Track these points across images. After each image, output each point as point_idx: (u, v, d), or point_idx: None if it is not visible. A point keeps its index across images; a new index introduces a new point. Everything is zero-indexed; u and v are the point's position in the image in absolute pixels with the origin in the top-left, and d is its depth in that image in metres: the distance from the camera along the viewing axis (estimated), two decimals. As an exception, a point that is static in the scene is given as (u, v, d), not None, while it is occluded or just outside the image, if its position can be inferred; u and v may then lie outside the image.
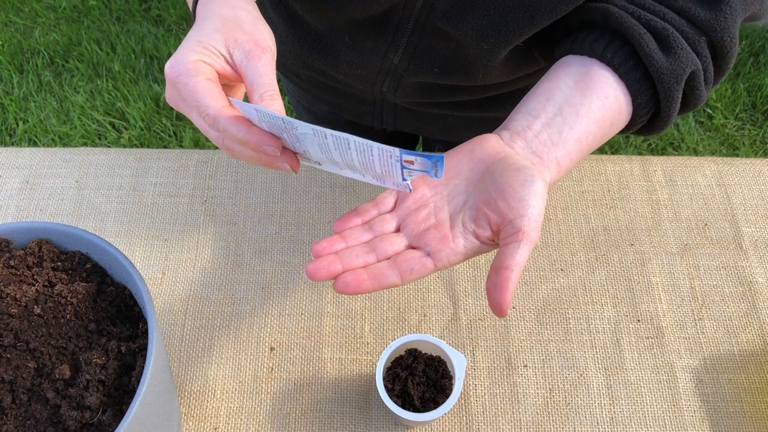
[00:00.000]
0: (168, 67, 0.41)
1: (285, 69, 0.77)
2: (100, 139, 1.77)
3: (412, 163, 0.39)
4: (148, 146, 1.75)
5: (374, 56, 0.62)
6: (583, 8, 0.51)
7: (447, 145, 0.84)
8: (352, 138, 0.38)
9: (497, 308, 0.41)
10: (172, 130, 1.78)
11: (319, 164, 0.44)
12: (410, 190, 0.43)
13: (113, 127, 1.78)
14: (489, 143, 0.46)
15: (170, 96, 0.43)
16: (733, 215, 0.71)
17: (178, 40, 1.96)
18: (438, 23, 0.55)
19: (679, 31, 0.48)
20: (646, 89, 0.49)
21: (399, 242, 0.44)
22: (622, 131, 0.52)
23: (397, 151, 0.37)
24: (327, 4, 0.56)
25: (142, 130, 1.77)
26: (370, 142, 0.37)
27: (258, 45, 0.43)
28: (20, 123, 1.78)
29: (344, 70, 0.66)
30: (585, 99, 0.47)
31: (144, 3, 2.06)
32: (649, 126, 0.53)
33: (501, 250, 0.42)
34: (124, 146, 1.75)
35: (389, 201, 0.47)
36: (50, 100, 1.83)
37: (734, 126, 1.86)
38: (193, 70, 0.41)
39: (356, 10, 0.56)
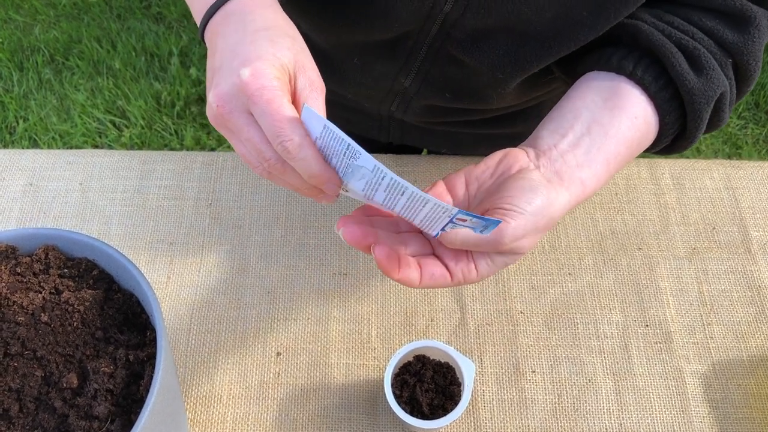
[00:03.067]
0: (249, 74, 0.38)
1: None
2: (100, 137, 1.76)
3: (463, 221, 0.38)
4: (149, 144, 1.75)
5: (384, 79, 0.61)
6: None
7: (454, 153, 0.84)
8: (410, 188, 0.36)
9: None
10: (173, 128, 1.77)
11: (346, 191, 0.42)
12: (436, 236, 0.42)
13: (114, 125, 1.78)
14: (513, 158, 0.45)
15: (229, 103, 0.39)
16: (742, 219, 0.71)
17: (179, 38, 1.95)
18: (452, 51, 0.54)
19: (708, 50, 0.47)
20: (675, 109, 0.48)
21: (425, 246, 0.44)
22: (645, 150, 0.51)
23: (454, 210, 0.36)
24: (338, 27, 0.54)
25: (143, 128, 1.76)
26: (426, 196, 0.36)
27: (319, 77, 0.41)
28: (20, 121, 1.77)
29: (353, 89, 0.65)
30: (614, 119, 0.46)
31: (144, 0, 2.05)
32: (671, 146, 0.52)
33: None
34: (125, 144, 1.75)
35: None
36: (50, 98, 1.82)
37: (737, 125, 1.86)
38: (279, 88, 0.38)
39: (368, 34, 0.54)
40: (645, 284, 0.67)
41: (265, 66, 0.38)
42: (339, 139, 0.36)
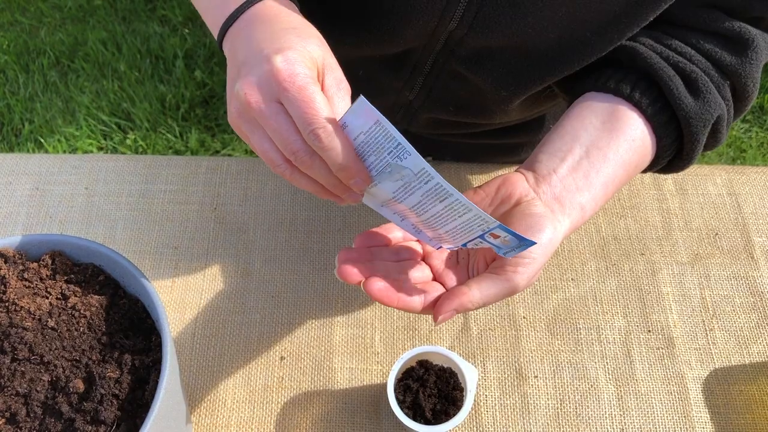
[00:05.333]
0: (281, 61, 0.36)
1: None
2: (105, 139, 1.77)
3: (496, 237, 0.37)
4: (153, 147, 1.75)
5: (389, 91, 0.61)
6: None
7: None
8: (454, 195, 0.35)
9: (435, 315, 0.41)
10: (177, 131, 1.78)
11: (368, 193, 0.41)
12: (438, 248, 0.42)
13: (119, 127, 1.78)
14: (513, 185, 0.45)
15: (258, 92, 0.37)
16: (744, 225, 0.71)
17: (184, 41, 1.96)
18: (457, 67, 0.54)
19: (706, 73, 0.47)
20: (672, 132, 0.48)
21: (426, 272, 0.45)
22: (642, 171, 0.51)
23: (494, 223, 0.36)
24: (344, 42, 0.54)
25: (147, 130, 1.77)
26: (470, 204, 0.35)
27: (345, 79, 0.41)
28: (26, 123, 1.78)
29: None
30: (612, 141, 0.46)
31: (149, 3, 2.06)
32: (668, 166, 0.52)
33: (482, 275, 0.42)
34: (130, 146, 1.75)
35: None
36: (56, 101, 1.83)
37: (741, 129, 1.85)
38: (311, 77, 0.37)
39: (374, 49, 0.54)
40: (647, 290, 0.67)
41: (297, 55, 0.37)
42: (390, 136, 0.34)
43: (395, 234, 0.46)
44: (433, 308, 0.42)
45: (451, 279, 0.45)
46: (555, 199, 0.45)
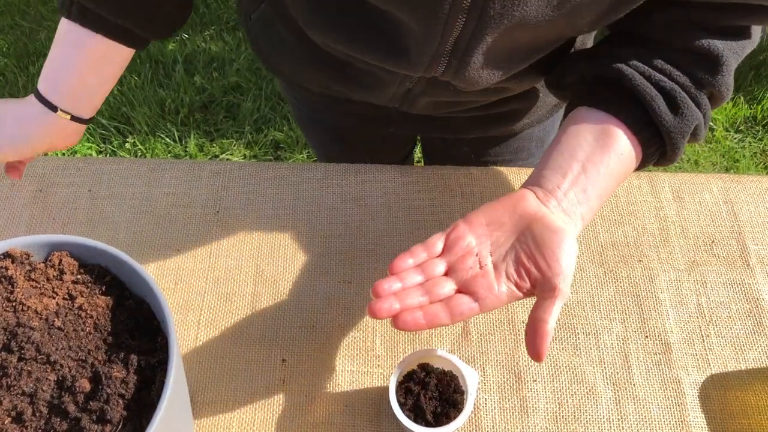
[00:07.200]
0: None
1: (294, 85, 0.78)
2: (104, 143, 1.77)
3: None
4: (152, 151, 1.76)
5: (388, 83, 0.64)
6: (599, 65, 0.56)
7: (446, 142, 0.87)
8: None
9: (536, 355, 0.47)
10: (176, 135, 1.78)
11: None
12: None
13: (118, 131, 1.79)
14: (528, 201, 0.52)
15: None
16: (740, 232, 0.72)
17: (184, 46, 1.97)
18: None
19: (684, 88, 0.53)
20: (655, 142, 0.54)
21: (449, 286, 0.50)
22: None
23: None
24: (346, 53, 0.59)
25: (146, 135, 1.78)
26: None
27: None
28: (25, 126, 1.78)
29: (359, 93, 0.68)
30: (604, 156, 0.53)
31: (150, 8, 2.06)
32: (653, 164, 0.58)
33: (539, 303, 0.49)
34: (129, 151, 1.76)
35: (438, 245, 0.52)
36: (55, 104, 1.84)
37: (735, 138, 1.87)
38: None
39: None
40: (645, 296, 0.68)
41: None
42: None
43: (420, 256, 0.51)
44: (461, 319, 0.48)
45: (479, 286, 0.49)
46: (564, 212, 0.51)
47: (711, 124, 1.88)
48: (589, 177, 0.52)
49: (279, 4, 0.63)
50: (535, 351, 0.48)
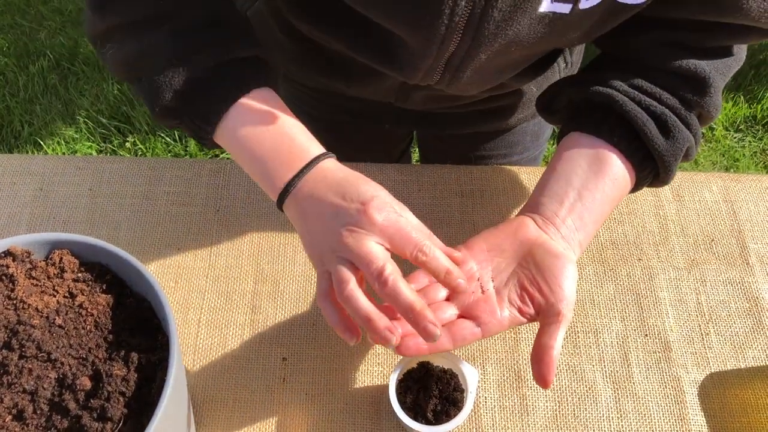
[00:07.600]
0: (375, 206, 0.47)
1: (288, 80, 0.79)
2: (104, 142, 1.77)
3: None
4: (153, 150, 1.76)
5: (385, 77, 0.64)
6: (588, 91, 0.56)
7: (440, 139, 0.87)
8: None
9: (542, 382, 0.48)
10: (177, 134, 1.78)
11: None
12: None
13: (119, 130, 1.79)
14: (528, 228, 0.53)
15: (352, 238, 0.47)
16: (740, 231, 0.72)
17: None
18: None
19: (674, 111, 0.53)
20: (648, 165, 0.55)
21: (451, 311, 0.51)
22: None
23: None
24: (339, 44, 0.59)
25: (147, 134, 1.78)
26: None
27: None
28: (25, 125, 1.79)
29: (357, 88, 0.68)
30: (599, 182, 0.54)
31: (150, 7, 2.06)
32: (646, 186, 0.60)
33: (543, 329, 0.49)
34: (129, 150, 1.76)
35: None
36: (55, 103, 1.84)
37: (735, 138, 1.87)
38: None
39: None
40: (644, 294, 0.68)
41: (384, 201, 0.49)
42: None
43: (421, 281, 0.52)
44: (463, 344, 0.50)
45: (481, 311, 0.50)
46: (563, 239, 0.52)
47: (711, 123, 1.88)
48: (585, 204, 0.53)
49: (272, 2, 0.64)
50: (541, 377, 0.48)
